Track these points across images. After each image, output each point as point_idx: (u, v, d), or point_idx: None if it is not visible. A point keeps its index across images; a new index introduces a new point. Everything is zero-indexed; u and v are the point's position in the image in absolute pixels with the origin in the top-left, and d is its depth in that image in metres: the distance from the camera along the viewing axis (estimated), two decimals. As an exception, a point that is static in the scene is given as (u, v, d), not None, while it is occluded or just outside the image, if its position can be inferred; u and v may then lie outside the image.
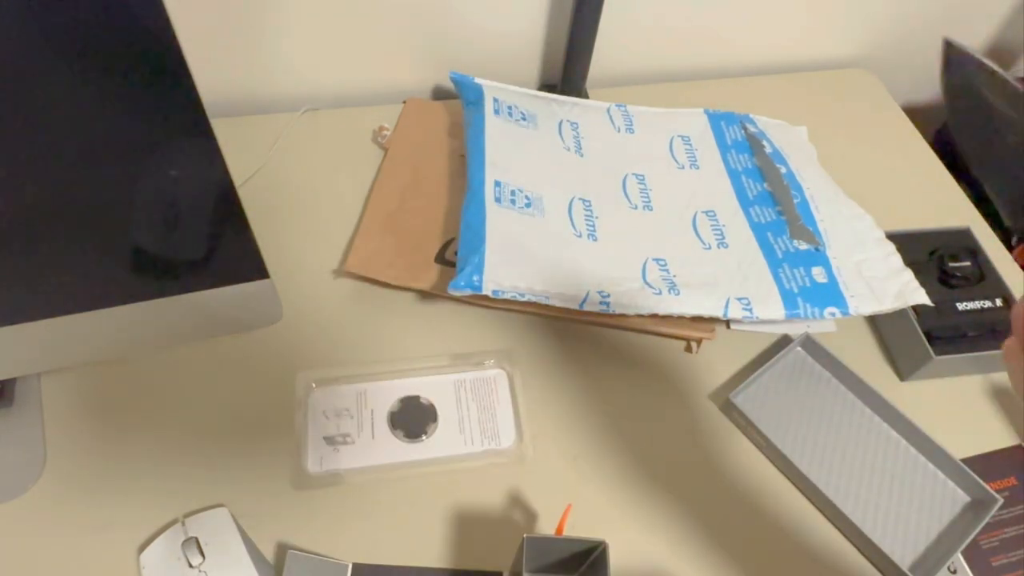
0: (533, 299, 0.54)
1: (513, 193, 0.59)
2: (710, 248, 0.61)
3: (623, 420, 0.55)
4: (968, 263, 0.62)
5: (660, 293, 0.56)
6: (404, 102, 0.74)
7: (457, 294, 0.54)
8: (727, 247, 0.61)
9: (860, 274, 0.59)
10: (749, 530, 0.50)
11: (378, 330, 0.58)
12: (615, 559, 0.43)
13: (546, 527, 0.49)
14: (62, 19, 0.30)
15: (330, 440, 0.51)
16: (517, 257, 0.55)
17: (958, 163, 0.79)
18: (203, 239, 0.41)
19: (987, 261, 0.63)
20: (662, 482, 0.52)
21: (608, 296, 0.55)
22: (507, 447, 0.52)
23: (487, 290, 0.53)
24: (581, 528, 0.48)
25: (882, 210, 0.65)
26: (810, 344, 0.59)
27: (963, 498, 0.52)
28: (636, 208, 0.64)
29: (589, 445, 0.54)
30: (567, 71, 0.75)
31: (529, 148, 0.64)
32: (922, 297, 0.57)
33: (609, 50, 0.77)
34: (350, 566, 0.47)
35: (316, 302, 0.59)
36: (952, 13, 0.86)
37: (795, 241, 0.61)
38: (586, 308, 0.55)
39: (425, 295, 0.60)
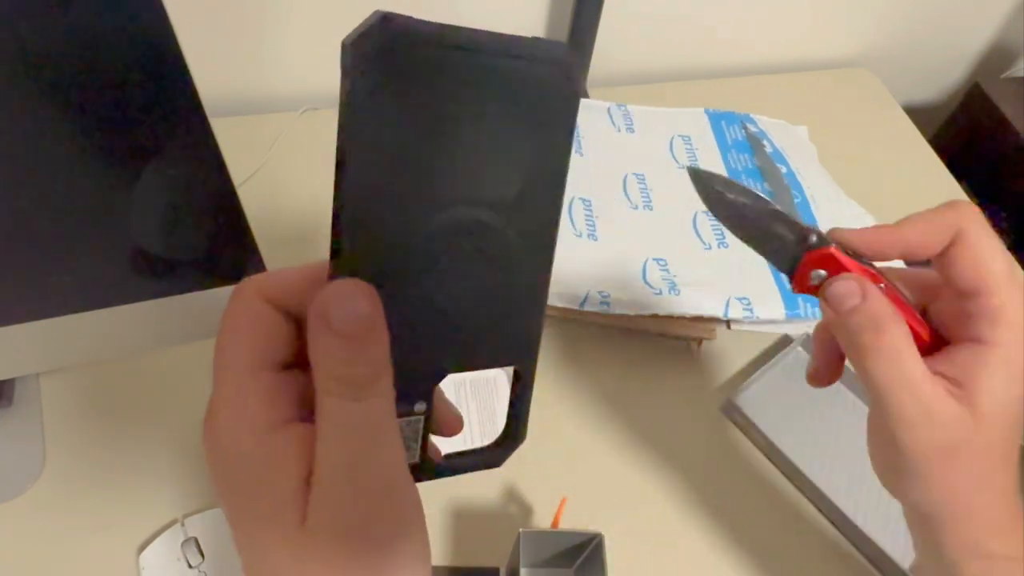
0: (533, 299, 0.54)
1: (513, 193, 0.59)
2: (710, 248, 0.61)
3: (623, 420, 0.55)
4: (969, 263, 0.62)
5: (660, 293, 0.56)
6: (404, 102, 0.74)
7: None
8: (727, 247, 0.61)
9: (861, 274, 0.59)
10: (748, 529, 0.50)
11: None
12: (612, 552, 0.43)
13: (542, 522, 0.49)
14: (61, 19, 0.30)
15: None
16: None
17: (959, 163, 0.79)
18: (203, 239, 0.41)
19: (988, 261, 0.63)
20: (661, 481, 0.52)
21: (608, 296, 0.55)
22: (507, 447, 0.52)
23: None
24: (578, 523, 0.48)
25: (883, 210, 0.65)
26: (811, 344, 0.59)
27: (964, 498, 0.52)
28: (636, 208, 0.63)
29: (588, 444, 0.54)
30: (567, 71, 0.75)
31: (529, 148, 0.64)
32: (923, 297, 0.57)
33: (609, 49, 0.77)
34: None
35: (316, 302, 0.59)
36: (952, 13, 0.86)
37: (795, 241, 0.61)
38: (586, 308, 0.55)
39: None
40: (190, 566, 0.45)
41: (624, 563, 0.46)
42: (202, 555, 0.45)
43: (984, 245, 0.30)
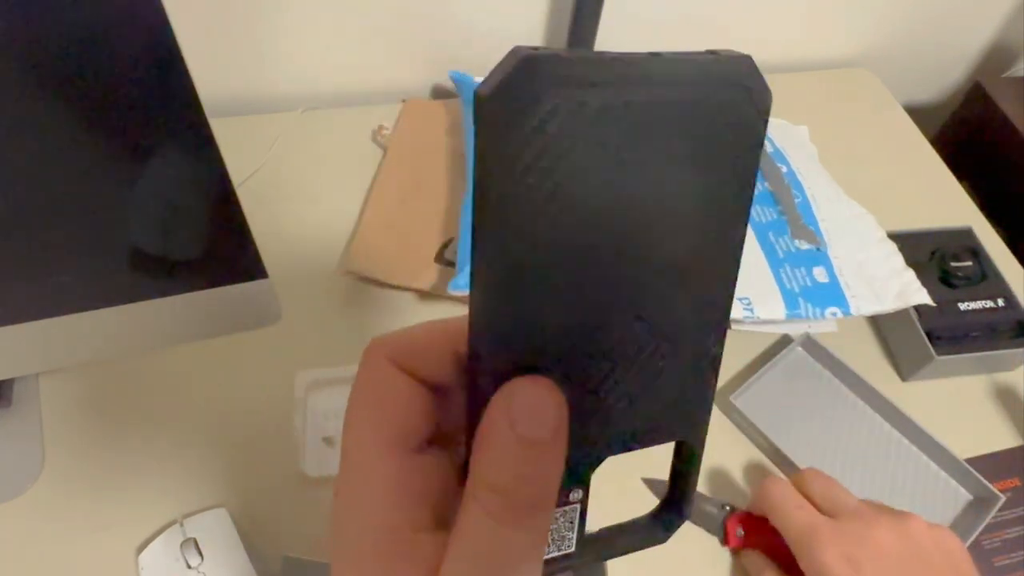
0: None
1: (513, 193, 0.59)
2: (711, 248, 0.61)
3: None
4: (970, 263, 0.62)
5: (661, 293, 0.56)
6: (404, 102, 0.74)
7: (457, 294, 0.53)
8: (728, 247, 0.61)
9: (861, 274, 0.59)
10: (750, 531, 0.50)
11: (377, 330, 0.57)
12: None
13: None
14: (61, 19, 0.29)
15: (329, 441, 0.51)
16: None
17: (960, 163, 0.79)
18: (202, 239, 0.41)
19: (989, 261, 0.63)
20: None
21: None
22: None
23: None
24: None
25: (884, 210, 0.65)
26: (811, 344, 0.59)
27: (965, 496, 0.52)
28: (636, 208, 0.63)
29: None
30: (567, 71, 0.75)
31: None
32: (924, 297, 0.57)
33: (609, 49, 0.77)
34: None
35: (315, 302, 0.59)
36: (952, 13, 0.86)
37: (796, 241, 0.60)
38: (586, 308, 0.55)
39: (424, 295, 0.60)
40: (189, 567, 0.45)
41: (624, 563, 0.46)
42: (201, 556, 0.45)
43: (773, 506, 0.45)
